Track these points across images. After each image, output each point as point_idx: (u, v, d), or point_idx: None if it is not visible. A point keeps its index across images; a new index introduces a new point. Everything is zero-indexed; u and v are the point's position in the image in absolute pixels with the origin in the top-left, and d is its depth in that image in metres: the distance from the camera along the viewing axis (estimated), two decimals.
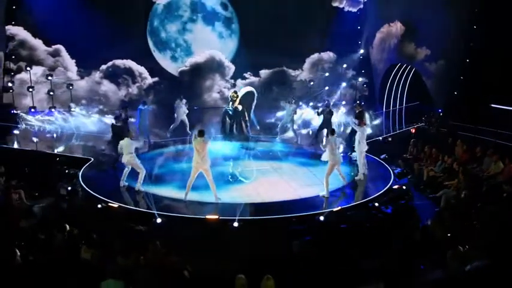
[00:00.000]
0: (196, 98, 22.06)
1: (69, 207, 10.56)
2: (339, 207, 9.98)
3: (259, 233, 9.04)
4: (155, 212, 9.57)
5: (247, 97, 17.41)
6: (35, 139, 17.51)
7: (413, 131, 18.22)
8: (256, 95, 17.86)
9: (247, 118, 16.99)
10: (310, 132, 18.89)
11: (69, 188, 11.36)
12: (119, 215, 9.73)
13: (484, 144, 14.31)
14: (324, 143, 11.11)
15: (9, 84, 20.00)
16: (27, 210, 9.49)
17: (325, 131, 15.87)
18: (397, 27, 19.99)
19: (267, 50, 22.28)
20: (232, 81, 23.42)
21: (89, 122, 19.44)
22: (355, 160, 13.00)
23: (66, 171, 12.71)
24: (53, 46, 21.16)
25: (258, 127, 18.11)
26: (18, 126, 18.48)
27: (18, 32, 20.37)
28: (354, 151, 13.24)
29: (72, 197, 11.06)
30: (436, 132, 16.92)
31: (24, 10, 19.56)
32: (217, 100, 23.02)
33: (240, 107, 16.72)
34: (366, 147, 12.55)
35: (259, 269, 6.81)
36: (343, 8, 23.15)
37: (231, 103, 16.88)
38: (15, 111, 19.55)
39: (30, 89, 20.33)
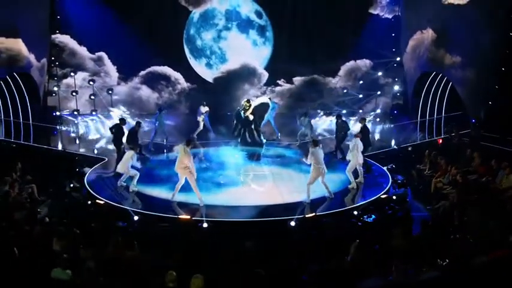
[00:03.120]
0: (230, 104, 22.54)
1: (68, 202, 11.35)
2: (313, 214, 9.95)
3: (226, 234, 9.27)
4: (130, 209, 10.11)
5: (261, 108, 17.43)
6: (69, 140, 18.79)
7: (440, 141, 17.57)
8: (272, 106, 17.76)
9: (258, 127, 17.06)
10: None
11: (72, 185, 12.21)
12: (104, 212, 10.35)
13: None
14: (308, 155, 11.11)
15: (55, 89, 21.59)
16: (22, 203, 10.30)
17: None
18: (428, 34, 19.37)
19: (301, 57, 22.51)
20: (266, 88, 23.70)
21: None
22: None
23: (77, 169, 13.61)
24: (96, 53, 22.54)
25: (279, 135, 18.26)
26: (57, 127, 19.88)
27: (65, 40, 21.91)
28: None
29: (73, 193, 11.86)
30: (458, 142, 16.21)
31: (68, 20, 21.00)
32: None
33: (251, 117, 16.89)
34: (361, 160, 12.42)
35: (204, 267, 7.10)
36: (380, 15, 22.77)
37: (242, 112, 17.09)
38: (57, 113, 21.08)
39: (74, 93, 21.81)
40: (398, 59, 22.34)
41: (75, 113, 21.64)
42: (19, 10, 17.42)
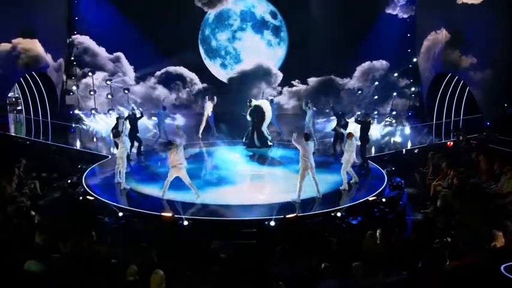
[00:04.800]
0: (244, 104, 22.63)
1: (64, 198, 11.74)
2: (295, 214, 9.93)
3: (207, 232, 9.38)
4: (115, 206, 10.37)
5: (258, 110, 17.18)
6: (85, 137, 19.33)
7: (450, 144, 17.15)
8: (266, 112, 17.28)
9: (260, 128, 17.04)
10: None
11: (69, 181, 12.61)
12: (92, 207, 10.65)
13: None
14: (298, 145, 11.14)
15: (74, 88, 22.26)
16: (14, 197, 10.71)
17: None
18: (442, 34, 18.93)
19: (316, 58, 22.41)
20: (280, 88, 23.70)
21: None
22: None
23: (79, 166, 14.03)
24: (114, 53, 23.09)
25: (284, 136, 18.24)
26: (73, 125, 20.49)
27: (85, 40, 22.56)
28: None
29: (69, 189, 12.25)
30: (465, 145, 15.79)
31: (86, 21, 21.63)
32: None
33: (248, 118, 16.90)
34: (353, 159, 12.30)
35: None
36: (396, 14, 22.40)
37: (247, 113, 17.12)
38: (75, 112, 21.72)
39: (91, 92, 22.43)
40: (415, 60, 21.91)
41: (93, 111, 22.21)
42: (36, 11, 18.09)
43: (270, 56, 23.65)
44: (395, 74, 22.55)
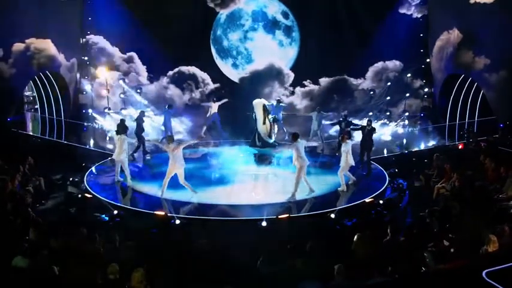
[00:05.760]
0: None
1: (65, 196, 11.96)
2: (287, 215, 9.87)
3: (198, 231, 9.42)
4: (108, 202, 10.51)
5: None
6: (98, 136, 19.63)
7: (460, 146, 16.82)
8: (256, 112, 16.48)
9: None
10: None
11: (71, 179, 12.81)
12: (89, 205, 10.81)
13: None
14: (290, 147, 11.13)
15: (88, 87, 22.61)
16: (14, 194, 10.92)
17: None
18: (455, 34, 18.57)
19: (328, 58, 22.31)
20: (292, 88, 23.62)
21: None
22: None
23: (83, 164, 14.25)
24: (127, 53, 23.36)
25: (287, 137, 18.19)
26: (85, 124, 20.82)
27: (99, 40, 22.88)
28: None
29: (70, 187, 12.45)
30: (474, 147, 15.45)
31: (100, 21, 21.90)
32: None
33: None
34: (352, 162, 12.16)
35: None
36: (411, 14, 22.04)
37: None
38: (88, 111, 22.04)
39: (105, 92, 22.74)
40: (428, 60, 21.56)
41: (106, 110, 22.49)
42: (49, 11, 18.43)
43: (282, 56, 23.62)
44: (408, 75, 22.25)
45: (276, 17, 23.41)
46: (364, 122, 15.76)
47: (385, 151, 17.03)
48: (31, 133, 19.41)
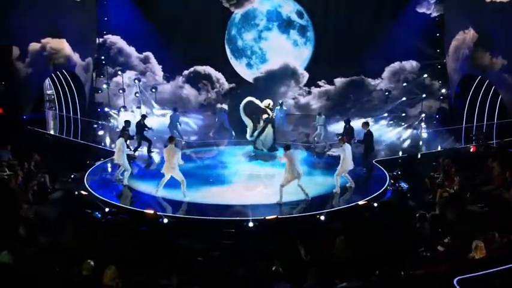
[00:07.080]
0: None
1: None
2: (275, 216, 9.79)
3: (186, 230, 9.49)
4: (102, 201, 10.66)
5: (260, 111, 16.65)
6: (113, 134, 19.90)
7: (472, 149, 16.34)
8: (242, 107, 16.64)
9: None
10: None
11: (72, 176, 13.07)
12: (84, 202, 10.99)
13: None
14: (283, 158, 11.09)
15: (104, 86, 23.03)
16: (13, 191, 11.21)
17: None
18: (470, 34, 18.04)
19: (343, 58, 22.12)
20: (306, 88, 23.46)
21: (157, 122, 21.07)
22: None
23: (87, 161, 14.51)
24: (144, 53, 23.69)
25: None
26: (99, 122, 21.19)
27: (116, 40, 23.28)
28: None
29: (69, 184, 12.70)
30: (484, 151, 14.98)
31: (116, 21, 22.25)
32: (291, 107, 23.22)
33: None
34: (350, 166, 11.96)
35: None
36: (430, 14, 21.55)
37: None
38: (104, 110, 22.43)
39: (121, 91, 23.11)
40: (445, 60, 21.04)
41: (122, 109, 22.83)
42: (64, 11, 18.81)
43: (296, 56, 23.51)
44: (425, 75, 21.79)
45: (290, 16, 23.32)
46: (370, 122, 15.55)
47: (400, 153, 16.73)
48: (51, 132, 19.91)
